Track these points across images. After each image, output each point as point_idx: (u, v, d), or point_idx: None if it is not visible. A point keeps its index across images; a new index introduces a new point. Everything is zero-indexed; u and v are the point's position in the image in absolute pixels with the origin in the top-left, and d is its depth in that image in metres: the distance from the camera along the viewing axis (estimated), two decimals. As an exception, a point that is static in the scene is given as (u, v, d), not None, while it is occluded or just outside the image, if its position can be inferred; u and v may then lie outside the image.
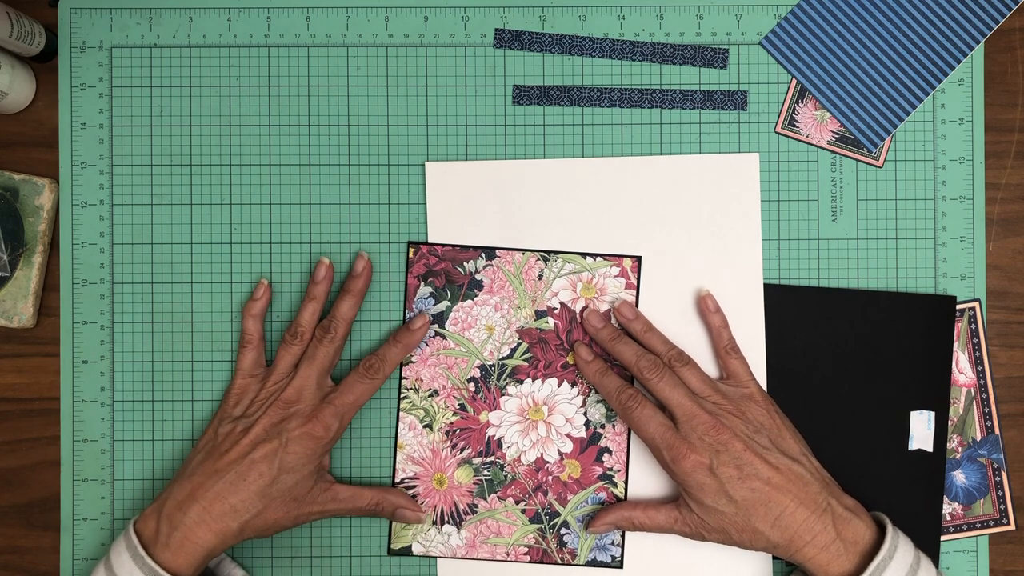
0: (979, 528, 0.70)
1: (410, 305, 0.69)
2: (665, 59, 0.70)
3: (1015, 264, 0.71)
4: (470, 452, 0.69)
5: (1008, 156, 0.71)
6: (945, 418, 0.69)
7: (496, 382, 0.69)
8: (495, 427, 0.69)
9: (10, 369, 0.70)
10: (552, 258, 0.69)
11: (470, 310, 0.69)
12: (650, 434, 0.64)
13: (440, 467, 0.69)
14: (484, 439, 0.69)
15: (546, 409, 0.69)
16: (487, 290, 0.69)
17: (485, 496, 0.69)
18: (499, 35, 0.70)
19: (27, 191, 0.69)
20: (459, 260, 0.69)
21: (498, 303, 0.69)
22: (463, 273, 0.69)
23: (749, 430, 0.63)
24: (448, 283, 0.69)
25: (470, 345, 0.69)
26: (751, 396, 0.65)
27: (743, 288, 0.69)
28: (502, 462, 0.69)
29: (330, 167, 0.70)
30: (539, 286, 0.69)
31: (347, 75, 0.70)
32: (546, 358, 0.69)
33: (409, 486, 0.69)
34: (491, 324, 0.69)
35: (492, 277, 0.69)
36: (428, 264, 0.69)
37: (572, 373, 0.69)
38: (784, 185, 0.70)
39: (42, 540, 0.70)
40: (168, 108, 0.70)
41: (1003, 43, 0.71)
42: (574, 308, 0.69)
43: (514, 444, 0.69)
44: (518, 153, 0.70)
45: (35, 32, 0.67)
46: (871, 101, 0.70)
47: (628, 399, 0.65)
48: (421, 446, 0.69)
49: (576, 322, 0.69)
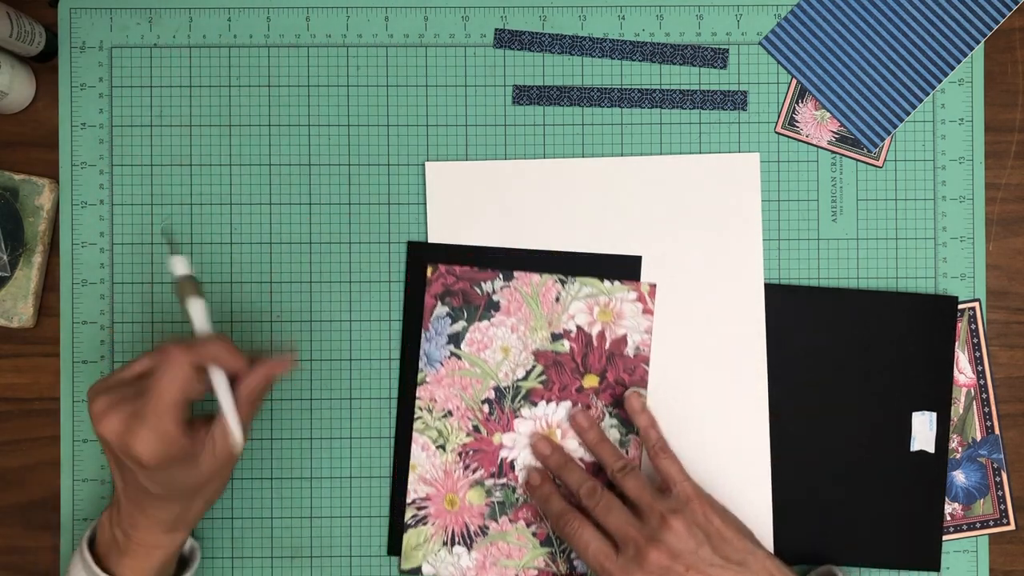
0: (979, 528, 0.70)
1: (426, 324, 0.69)
2: (665, 59, 0.70)
3: (1015, 264, 0.71)
4: (482, 474, 0.69)
5: (1008, 156, 0.71)
6: (947, 419, 0.69)
7: (510, 404, 0.69)
8: (508, 449, 0.69)
9: (10, 369, 0.70)
10: (570, 281, 0.69)
11: (486, 331, 0.69)
12: (590, 561, 0.63)
13: (452, 488, 0.69)
14: (497, 461, 0.69)
15: (559, 432, 0.69)
16: (504, 311, 0.69)
17: (496, 518, 0.69)
18: (499, 35, 0.70)
19: (27, 191, 0.69)
20: (477, 280, 0.69)
21: (514, 324, 0.69)
22: (480, 294, 0.69)
23: (691, 545, 0.61)
24: (465, 303, 0.69)
25: (485, 366, 0.69)
26: (687, 499, 0.63)
27: (743, 288, 0.69)
28: (514, 484, 0.69)
29: (330, 167, 0.70)
30: (556, 308, 0.69)
31: (347, 75, 0.70)
32: (561, 381, 0.69)
33: (420, 506, 0.69)
34: (507, 345, 0.69)
35: (509, 298, 0.69)
36: (446, 283, 0.69)
37: (587, 397, 0.69)
38: (784, 185, 0.70)
39: (42, 540, 0.70)
40: (168, 108, 0.70)
41: (1003, 43, 0.71)
42: (590, 332, 0.69)
43: (527, 466, 0.69)
44: (518, 153, 0.70)
45: (35, 32, 0.67)
46: (871, 101, 0.70)
47: (566, 524, 0.63)
48: (434, 467, 0.69)
49: (594, 346, 0.68)
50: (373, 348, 0.70)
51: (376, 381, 0.70)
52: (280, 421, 0.70)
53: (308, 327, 0.70)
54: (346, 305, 0.70)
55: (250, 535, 0.69)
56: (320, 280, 0.70)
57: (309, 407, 0.70)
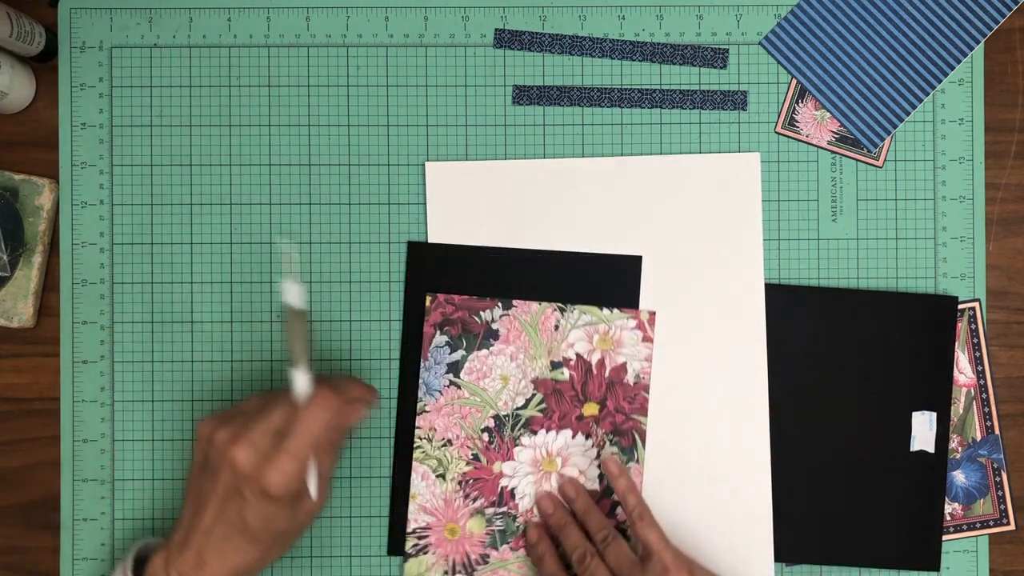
0: (979, 528, 0.70)
1: (425, 354, 0.69)
2: (665, 59, 0.70)
3: (1015, 264, 0.71)
4: (483, 502, 0.68)
5: (1008, 156, 0.71)
6: (947, 419, 0.69)
7: (510, 432, 0.69)
8: (508, 477, 0.69)
9: (10, 369, 0.70)
10: (569, 309, 0.69)
11: (485, 359, 0.69)
12: None
13: (453, 517, 0.68)
14: (497, 489, 0.69)
15: (560, 460, 0.69)
16: (503, 340, 0.69)
17: (497, 546, 0.68)
18: (499, 35, 0.70)
19: (27, 191, 0.69)
20: (476, 309, 0.69)
21: (513, 353, 0.69)
22: (479, 322, 0.69)
23: None
24: (464, 332, 0.69)
25: (484, 395, 0.69)
26: (666, 568, 0.62)
27: (743, 288, 0.69)
28: (515, 513, 0.68)
29: (330, 167, 0.70)
30: (555, 336, 0.69)
31: (347, 75, 0.70)
32: (561, 409, 0.69)
33: (421, 536, 0.68)
34: (506, 374, 0.69)
35: (508, 327, 0.69)
36: (445, 313, 0.69)
37: (587, 425, 0.69)
38: (784, 185, 0.70)
39: (42, 540, 0.70)
40: (168, 108, 0.70)
41: (1003, 43, 0.71)
42: (590, 360, 0.69)
43: (527, 495, 0.68)
44: (518, 153, 0.70)
45: (35, 32, 0.67)
46: (871, 101, 0.70)
47: None
48: (434, 496, 0.68)
49: (593, 374, 0.68)
50: (373, 348, 0.70)
51: (376, 381, 0.70)
52: (280, 421, 0.70)
53: (308, 327, 0.70)
54: (346, 305, 0.70)
55: (250, 535, 0.69)
56: (320, 280, 0.70)
57: (309, 407, 0.70)
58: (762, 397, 0.69)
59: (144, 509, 0.69)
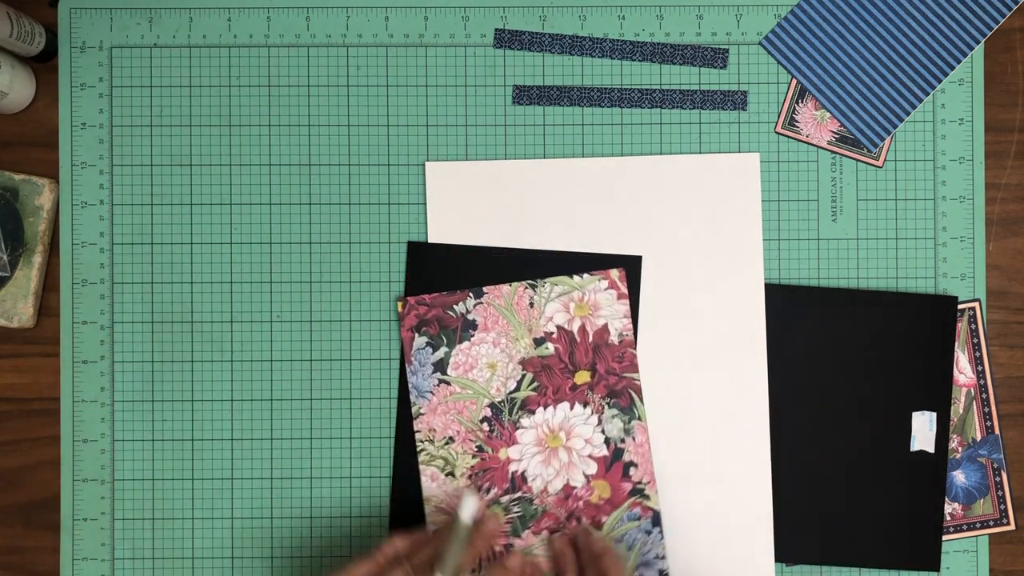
0: (979, 528, 0.70)
1: (408, 358, 0.69)
2: (665, 59, 0.70)
3: (1015, 264, 0.71)
4: (496, 492, 0.68)
5: (1008, 156, 0.71)
6: (947, 419, 0.69)
7: (509, 417, 0.69)
8: (516, 462, 0.69)
9: (10, 369, 0.70)
10: (540, 284, 0.69)
11: (469, 351, 0.69)
12: None
13: None
14: (508, 476, 0.68)
15: (563, 434, 0.69)
16: (482, 328, 0.69)
17: (519, 533, 0.68)
18: (499, 35, 0.70)
19: (27, 191, 0.69)
20: (448, 304, 0.68)
21: (495, 339, 0.69)
22: (455, 316, 0.68)
23: None
24: (442, 329, 0.69)
25: (475, 386, 0.69)
26: None
27: (743, 288, 0.69)
28: (530, 496, 0.68)
29: (330, 167, 0.70)
30: (532, 314, 0.69)
31: (347, 75, 0.70)
32: (553, 384, 0.69)
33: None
34: (492, 361, 0.69)
35: (484, 314, 0.69)
36: (419, 314, 0.68)
37: (582, 393, 0.69)
38: (784, 185, 0.70)
39: (42, 540, 0.70)
40: (168, 108, 0.70)
41: (1003, 43, 0.71)
42: (571, 329, 0.69)
43: (539, 475, 0.68)
44: (518, 153, 0.70)
45: (35, 32, 0.67)
46: (871, 101, 0.70)
47: None
48: (447, 495, 0.68)
49: (577, 343, 0.68)
50: (373, 348, 0.70)
51: (376, 381, 0.70)
52: (280, 421, 0.70)
53: (308, 327, 0.70)
54: (346, 305, 0.70)
55: (250, 535, 0.69)
56: (320, 280, 0.70)
57: (309, 407, 0.70)
58: (762, 397, 0.69)
59: (144, 509, 0.69)
